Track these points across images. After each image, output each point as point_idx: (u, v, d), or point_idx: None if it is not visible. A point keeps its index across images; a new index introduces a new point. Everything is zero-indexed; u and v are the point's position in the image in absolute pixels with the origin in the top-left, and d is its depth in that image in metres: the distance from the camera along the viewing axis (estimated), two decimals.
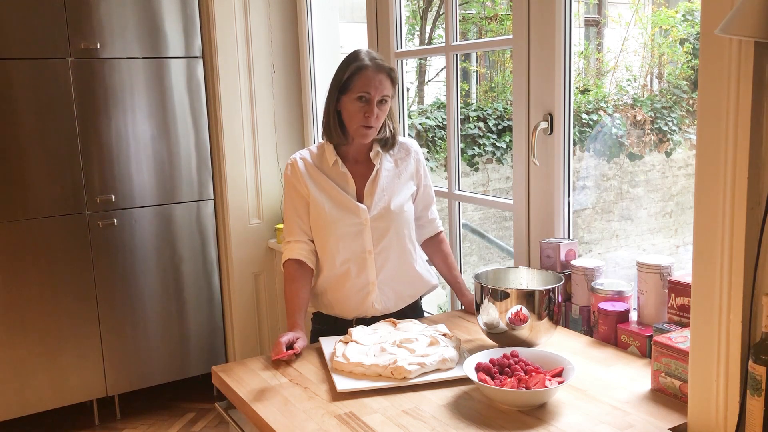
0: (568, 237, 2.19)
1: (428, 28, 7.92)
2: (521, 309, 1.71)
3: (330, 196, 2.01)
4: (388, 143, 2.06)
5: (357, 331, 1.83)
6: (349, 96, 1.95)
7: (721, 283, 1.30)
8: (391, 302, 2.06)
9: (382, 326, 1.89)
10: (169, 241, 3.43)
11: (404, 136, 2.92)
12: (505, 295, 1.72)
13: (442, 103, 6.96)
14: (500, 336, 1.76)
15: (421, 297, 2.19)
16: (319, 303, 2.10)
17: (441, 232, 2.22)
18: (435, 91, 8.13)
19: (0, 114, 3.00)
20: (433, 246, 2.20)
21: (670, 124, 6.86)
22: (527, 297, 1.71)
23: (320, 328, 2.10)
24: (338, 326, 2.04)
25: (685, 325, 1.64)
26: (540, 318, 1.72)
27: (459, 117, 2.62)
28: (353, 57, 1.98)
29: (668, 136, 6.86)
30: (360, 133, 1.97)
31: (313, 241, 2.06)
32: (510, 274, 1.92)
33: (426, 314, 2.22)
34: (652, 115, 6.85)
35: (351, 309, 2.05)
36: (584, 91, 7.15)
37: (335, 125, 2.00)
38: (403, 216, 2.06)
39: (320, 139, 2.11)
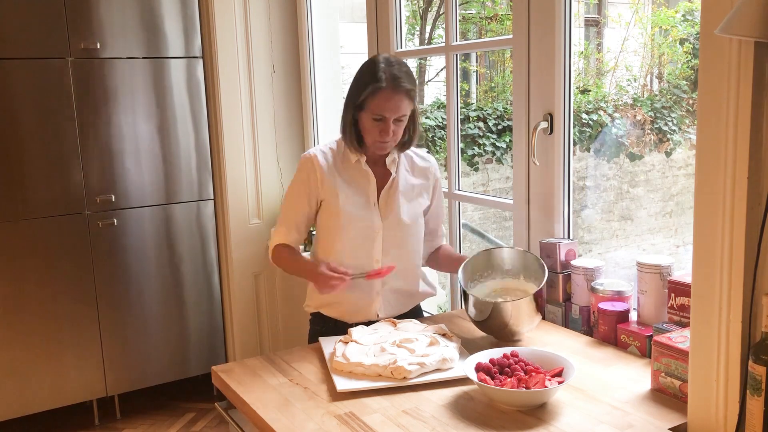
0: (568, 237, 2.19)
1: (428, 28, 7.92)
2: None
3: (347, 198, 1.99)
4: (405, 145, 2.04)
5: (357, 331, 1.83)
6: (366, 114, 1.92)
7: (721, 283, 1.30)
8: (393, 309, 2.08)
9: (382, 326, 1.89)
10: (169, 241, 3.43)
11: None
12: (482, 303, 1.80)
13: (442, 103, 6.96)
14: (484, 324, 1.82)
15: None
16: (320, 302, 2.09)
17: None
18: (435, 91, 8.12)
19: (0, 114, 3.00)
20: (438, 251, 2.19)
21: (670, 124, 6.86)
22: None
23: (320, 328, 2.10)
24: (338, 327, 2.04)
25: (685, 325, 1.64)
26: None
27: (459, 117, 2.62)
28: (371, 73, 1.90)
29: (668, 136, 6.85)
30: (376, 146, 1.96)
31: (306, 238, 2.07)
32: (493, 257, 1.96)
33: (426, 314, 2.22)
34: (652, 115, 6.84)
35: (353, 313, 2.05)
36: (584, 91, 7.14)
37: (351, 137, 1.97)
38: (416, 229, 2.06)
39: (324, 137, 2.10)
